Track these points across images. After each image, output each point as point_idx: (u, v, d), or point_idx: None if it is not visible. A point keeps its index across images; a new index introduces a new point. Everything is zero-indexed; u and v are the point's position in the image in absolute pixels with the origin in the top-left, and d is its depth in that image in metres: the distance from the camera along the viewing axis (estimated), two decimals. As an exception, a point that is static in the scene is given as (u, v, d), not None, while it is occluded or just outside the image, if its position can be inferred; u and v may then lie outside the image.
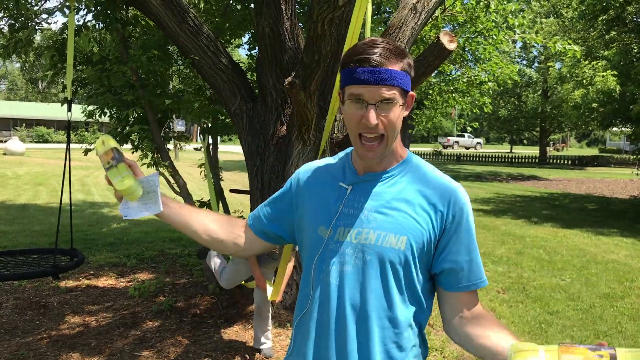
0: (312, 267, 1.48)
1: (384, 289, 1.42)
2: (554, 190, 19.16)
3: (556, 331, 4.86)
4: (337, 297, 1.43)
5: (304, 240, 1.56)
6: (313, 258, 1.48)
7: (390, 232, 1.41)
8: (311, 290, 1.48)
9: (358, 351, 1.42)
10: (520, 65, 36.55)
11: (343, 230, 1.45)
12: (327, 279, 1.44)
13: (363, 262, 1.42)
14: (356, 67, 1.36)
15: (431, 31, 8.15)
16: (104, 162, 1.52)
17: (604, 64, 14.41)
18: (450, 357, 4.22)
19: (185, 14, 4.70)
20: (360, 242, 1.43)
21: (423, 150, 47.65)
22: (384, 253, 1.41)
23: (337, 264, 1.44)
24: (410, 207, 1.44)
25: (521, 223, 11.17)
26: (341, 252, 1.44)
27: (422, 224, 1.43)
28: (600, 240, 9.43)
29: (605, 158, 37.12)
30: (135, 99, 5.08)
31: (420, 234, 1.42)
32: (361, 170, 1.50)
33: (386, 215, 1.43)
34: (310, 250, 1.50)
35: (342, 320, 1.42)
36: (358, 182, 1.48)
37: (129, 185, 1.48)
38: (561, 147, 69.02)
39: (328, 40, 3.52)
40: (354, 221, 1.44)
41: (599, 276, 6.85)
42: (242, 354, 4.15)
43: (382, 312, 1.42)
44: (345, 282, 1.43)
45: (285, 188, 1.65)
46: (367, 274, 1.42)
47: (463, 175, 26.30)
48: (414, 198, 1.45)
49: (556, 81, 25.01)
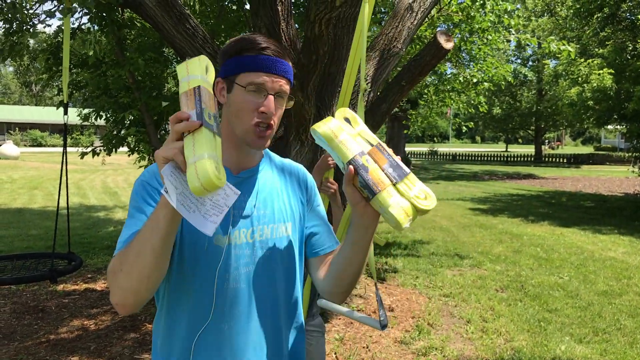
0: (213, 279, 1.37)
1: (288, 277, 1.49)
2: (550, 188, 19.21)
3: (555, 329, 4.86)
4: (248, 299, 1.41)
5: (194, 255, 1.37)
6: (213, 269, 1.37)
7: (280, 222, 1.48)
8: (213, 301, 1.37)
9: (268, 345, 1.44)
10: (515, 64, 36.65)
11: (239, 233, 1.41)
12: (235, 285, 1.39)
13: (265, 258, 1.44)
14: (259, 54, 1.36)
15: (427, 31, 8.16)
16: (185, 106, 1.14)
17: (600, 61, 14.45)
18: (451, 357, 4.22)
19: (182, 15, 4.69)
20: (257, 240, 1.43)
21: (418, 150, 47.70)
22: (281, 243, 1.47)
23: (242, 267, 1.41)
24: (286, 194, 1.53)
25: (518, 222, 11.19)
26: (243, 254, 1.40)
27: (297, 206, 1.54)
28: (597, 237, 9.45)
29: (601, 156, 37.23)
30: (132, 102, 5.06)
31: (298, 216, 1.54)
32: (235, 169, 1.45)
33: (272, 207, 1.48)
34: (206, 262, 1.37)
35: (255, 318, 1.42)
36: (238, 181, 1.43)
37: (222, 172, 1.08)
38: (556, 145, 69.22)
39: (325, 41, 3.53)
40: (246, 221, 1.42)
41: (596, 273, 6.87)
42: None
43: (289, 299, 1.50)
44: (254, 282, 1.42)
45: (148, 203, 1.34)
46: (273, 268, 1.45)
47: (459, 174, 26.34)
48: (284, 185, 1.54)
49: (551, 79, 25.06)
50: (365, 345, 4.39)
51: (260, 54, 1.36)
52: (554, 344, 4.50)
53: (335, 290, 1.51)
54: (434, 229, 10.13)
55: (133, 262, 1.18)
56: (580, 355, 4.29)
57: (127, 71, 4.87)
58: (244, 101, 1.36)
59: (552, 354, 4.32)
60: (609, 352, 4.38)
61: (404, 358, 4.19)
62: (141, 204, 1.34)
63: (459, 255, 7.76)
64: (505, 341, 4.57)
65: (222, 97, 1.41)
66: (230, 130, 1.41)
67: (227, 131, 1.42)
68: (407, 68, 4.15)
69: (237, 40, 1.41)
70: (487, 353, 4.29)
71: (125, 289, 1.21)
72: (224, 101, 1.41)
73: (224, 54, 1.41)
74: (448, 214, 12.24)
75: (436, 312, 5.26)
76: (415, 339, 4.56)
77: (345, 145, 1.25)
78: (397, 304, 5.44)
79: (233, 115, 1.39)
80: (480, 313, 5.25)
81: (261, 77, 1.35)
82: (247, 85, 1.35)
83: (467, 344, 4.49)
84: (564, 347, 4.45)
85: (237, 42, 1.40)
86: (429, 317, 5.09)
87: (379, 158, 1.24)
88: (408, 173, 1.23)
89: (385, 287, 6.00)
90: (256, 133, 1.37)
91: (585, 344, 4.56)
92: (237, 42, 1.39)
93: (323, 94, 4.69)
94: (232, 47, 1.39)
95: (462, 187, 19.50)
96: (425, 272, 6.75)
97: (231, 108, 1.39)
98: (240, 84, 1.36)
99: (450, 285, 6.20)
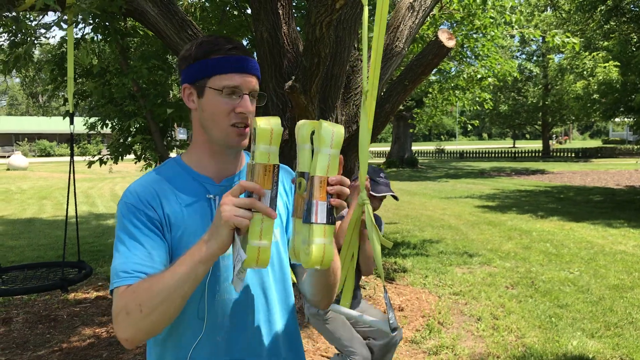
0: (203, 292, 1.34)
1: (280, 282, 1.48)
2: (558, 183, 19.12)
3: (566, 324, 4.84)
4: (241, 309, 1.39)
5: None
6: (203, 282, 1.32)
7: None
8: (205, 314, 1.35)
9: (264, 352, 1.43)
10: (520, 59, 36.53)
11: None
12: (226, 296, 1.37)
13: None
14: (228, 55, 1.33)
15: (429, 29, 8.15)
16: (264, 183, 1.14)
17: (605, 54, 14.38)
18: (462, 355, 4.21)
19: (184, 22, 4.71)
20: None
21: (425, 149, 47.61)
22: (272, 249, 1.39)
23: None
24: None
25: (527, 218, 11.15)
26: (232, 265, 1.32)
27: (283, 210, 1.50)
28: (607, 231, 9.40)
29: (609, 149, 37.02)
30: (137, 109, 5.10)
31: (286, 220, 1.50)
32: (217, 178, 1.42)
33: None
34: None
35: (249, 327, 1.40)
36: (222, 190, 1.38)
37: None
38: (564, 139, 68.88)
39: (327, 43, 3.53)
40: None
41: (607, 268, 6.83)
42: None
43: (283, 304, 1.49)
44: (245, 291, 1.40)
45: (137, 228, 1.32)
46: (263, 276, 1.43)
47: (466, 172, 26.28)
48: None
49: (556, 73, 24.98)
50: (376, 345, 4.39)
51: (228, 54, 1.33)
52: (565, 340, 4.48)
53: (315, 298, 1.49)
54: (442, 227, 10.11)
55: (157, 305, 1.17)
56: (592, 350, 4.27)
57: (131, 79, 4.90)
58: (219, 104, 1.33)
59: (564, 349, 4.30)
60: (621, 346, 4.35)
61: (415, 357, 4.19)
62: (132, 229, 1.31)
63: (468, 253, 7.75)
64: (516, 338, 4.55)
65: (192, 102, 1.37)
66: (206, 137, 1.39)
67: (202, 138, 1.40)
68: (409, 67, 4.15)
69: (200, 43, 1.36)
70: (498, 350, 4.28)
71: (141, 328, 1.20)
72: (194, 107, 1.38)
73: (186, 59, 1.37)
74: (456, 212, 12.21)
75: (446, 310, 5.25)
76: (426, 338, 4.55)
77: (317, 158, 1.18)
78: (407, 304, 5.43)
79: (208, 120, 1.35)
80: (490, 310, 5.23)
81: (234, 78, 1.33)
82: (223, 88, 1.32)
83: (478, 342, 4.48)
84: (575, 342, 4.43)
85: (200, 45, 1.35)
86: (439, 316, 5.08)
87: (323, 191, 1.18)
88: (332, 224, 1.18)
89: (394, 286, 6.00)
90: (236, 132, 1.35)
91: (597, 338, 4.53)
92: (201, 45, 1.35)
93: (326, 96, 4.70)
94: (196, 50, 1.35)
95: (470, 184, 19.45)
96: (434, 271, 6.74)
97: (205, 113, 1.35)
98: (213, 87, 1.33)
99: (460, 283, 6.18)
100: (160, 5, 4.57)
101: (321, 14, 3.26)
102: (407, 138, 31.44)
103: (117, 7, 4.07)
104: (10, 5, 3.59)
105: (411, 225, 10.42)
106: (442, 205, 13.44)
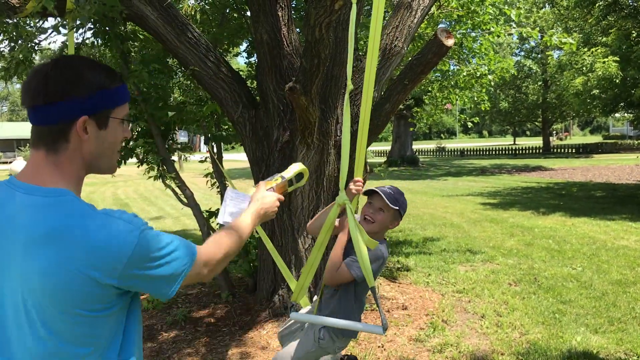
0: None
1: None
2: (559, 179, 19.12)
3: (570, 320, 4.86)
4: None
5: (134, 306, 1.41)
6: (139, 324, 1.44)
7: None
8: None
9: None
10: (519, 56, 36.51)
11: None
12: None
13: None
14: (122, 84, 1.35)
15: (427, 28, 8.17)
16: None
17: (604, 50, 14.39)
18: (466, 352, 4.22)
19: (184, 26, 4.74)
20: None
21: (426, 148, 47.62)
22: None
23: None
24: None
25: (529, 214, 11.16)
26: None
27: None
28: (609, 227, 9.41)
29: (610, 144, 37.00)
30: (138, 113, 5.11)
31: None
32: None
33: None
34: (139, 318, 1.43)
35: None
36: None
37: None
38: (564, 136, 68.84)
39: (327, 44, 3.55)
40: None
41: (610, 263, 6.84)
42: (258, 359, 4.17)
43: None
44: None
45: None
46: None
47: (467, 169, 26.28)
48: None
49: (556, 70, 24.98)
50: (380, 344, 4.41)
51: (122, 83, 1.35)
52: (569, 335, 4.50)
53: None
54: (444, 225, 10.12)
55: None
56: (596, 346, 4.28)
57: (132, 83, 4.92)
58: (119, 134, 1.36)
59: (568, 345, 4.31)
60: (625, 341, 4.36)
61: (420, 356, 4.20)
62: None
63: (471, 251, 7.76)
64: (520, 334, 4.57)
65: (85, 133, 1.28)
66: (86, 166, 1.34)
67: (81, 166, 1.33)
68: (409, 67, 4.17)
69: (99, 67, 1.32)
70: (502, 347, 4.30)
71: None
72: (86, 138, 1.28)
73: (91, 86, 1.27)
74: (458, 210, 12.23)
75: (450, 308, 5.26)
76: (430, 336, 4.57)
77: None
78: (411, 302, 5.45)
79: (107, 150, 1.35)
80: (494, 307, 5.25)
81: (127, 107, 1.38)
82: (124, 118, 1.35)
83: (483, 339, 4.50)
84: (579, 338, 4.44)
85: (100, 70, 1.31)
86: (443, 314, 5.09)
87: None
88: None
89: (397, 285, 6.02)
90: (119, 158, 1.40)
91: (601, 334, 4.55)
92: (97, 72, 1.30)
93: (327, 96, 4.72)
94: (103, 76, 1.30)
95: (471, 182, 19.46)
96: (437, 269, 6.76)
97: (105, 144, 1.33)
98: (118, 117, 1.33)
99: (463, 281, 6.20)
100: (160, 9, 4.59)
101: (320, 15, 3.28)
102: (408, 137, 31.46)
103: (117, 13, 4.09)
104: (10, 11, 3.61)
105: (413, 223, 10.43)
106: (443, 203, 13.45)
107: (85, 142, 1.29)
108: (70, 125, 1.26)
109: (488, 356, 4.16)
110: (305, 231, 4.92)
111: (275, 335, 4.56)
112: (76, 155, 1.30)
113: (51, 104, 1.24)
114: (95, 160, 1.33)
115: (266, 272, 5.23)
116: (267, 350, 4.33)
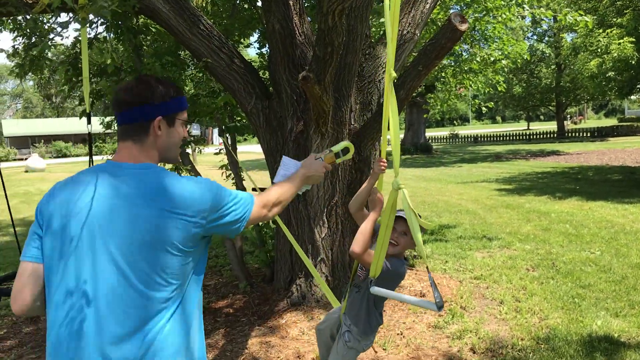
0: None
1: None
2: (575, 164, 18.94)
3: (590, 304, 4.82)
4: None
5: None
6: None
7: None
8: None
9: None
10: (532, 40, 36.08)
11: None
12: None
13: None
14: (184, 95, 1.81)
15: (439, 13, 8.10)
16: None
17: (619, 31, 14.16)
18: (485, 338, 4.21)
19: (195, 18, 4.73)
20: None
21: (439, 135, 47.34)
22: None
23: None
24: None
25: (545, 199, 11.07)
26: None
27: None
28: (627, 210, 9.31)
29: (625, 127, 36.51)
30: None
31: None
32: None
33: None
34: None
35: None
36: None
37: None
38: (579, 119, 68.07)
39: (340, 32, 3.53)
40: None
41: (629, 246, 6.78)
42: (278, 348, 4.19)
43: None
44: None
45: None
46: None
47: (482, 156, 26.10)
48: None
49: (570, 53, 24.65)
50: (399, 332, 4.41)
51: (183, 95, 1.81)
52: (589, 320, 4.47)
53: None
54: (460, 212, 10.08)
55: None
56: (617, 330, 4.25)
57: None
58: (181, 132, 1.81)
59: (589, 329, 4.29)
60: (647, 324, 4.33)
61: (439, 342, 4.20)
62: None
63: (487, 237, 7.72)
64: (539, 320, 4.55)
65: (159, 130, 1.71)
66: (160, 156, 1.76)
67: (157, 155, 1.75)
68: (423, 52, 4.13)
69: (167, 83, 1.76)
70: (522, 333, 4.28)
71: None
72: (160, 134, 1.72)
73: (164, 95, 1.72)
74: (474, 196, 12.16)
75: (468, 295, 5.25)
76: (449, 322, 4.56)
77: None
78: (428, 289, 5.44)
79: (174, 144, 1.79)
80: (512, 293, 5.23)
81: (186, 112, 1.84)
82: (184, 120, 1.81)
83: (502, 325, 4.49)
84: (600, 322, 4.41)
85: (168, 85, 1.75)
86: (461, 301, 5.08)
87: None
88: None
89: (415, 272, 6.01)
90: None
91: (621, 317, 4.51)
92: (170, 86, 1.75)
93: (340, 85, 4.70)
94: (171, 89, 1.74)
95: (486, 168, 19.33)
96: (454, 256, 6.74)
97: (174, 139, 1.78)
98: (181, 119, 1.79)
99: (481, 267, 6.18)
100: (172, 2, 4.59)
101: (333, 2, 3.26)
102: (421, 124, 31.28)
103: (130, 7, 4.09)
104: (27, 7, 3.63)
105: (428, 211, 10.40)
106: (458, 190, 13.39)
107: (159, 137, 1.72)
108: (150, 123, 1.69)
109: (508, 341, 4.14)
110: (321, 220, 4.93)
111: (294, 325, 4.58)
112: (154, 147, 1.73)
113: (138, 106, 1.68)
114: (164, 151, 1.76)
115: (283, 262, 5.25)
116: (286, 339, 4.35)
